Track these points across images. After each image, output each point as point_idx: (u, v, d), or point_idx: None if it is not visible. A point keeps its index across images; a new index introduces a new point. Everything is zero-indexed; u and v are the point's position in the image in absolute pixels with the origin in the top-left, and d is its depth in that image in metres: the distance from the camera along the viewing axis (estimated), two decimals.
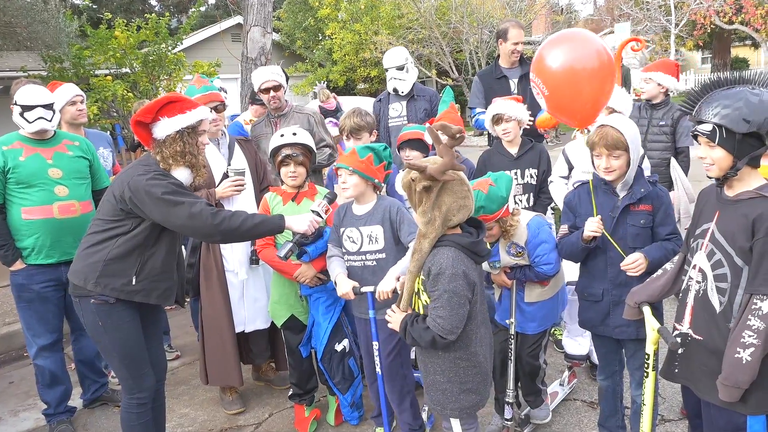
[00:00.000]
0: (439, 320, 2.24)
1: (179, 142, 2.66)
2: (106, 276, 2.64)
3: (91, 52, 9.75)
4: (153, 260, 2.71)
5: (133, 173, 2.62)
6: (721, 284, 2.12)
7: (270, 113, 4.30)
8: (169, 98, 2.69)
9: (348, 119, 3.52)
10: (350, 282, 2.96)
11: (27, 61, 10.64)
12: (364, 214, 2.99)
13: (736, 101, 2.00)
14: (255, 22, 7.19)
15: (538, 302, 3.04)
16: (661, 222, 2.65)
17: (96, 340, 2.79)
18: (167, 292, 2.81)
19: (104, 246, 2.65)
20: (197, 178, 2.79)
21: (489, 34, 16.43)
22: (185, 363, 4.50)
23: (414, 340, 2.34)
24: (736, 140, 2.01)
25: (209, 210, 2.60)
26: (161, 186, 2.56)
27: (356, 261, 3.03)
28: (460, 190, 2.28)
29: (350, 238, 3.03)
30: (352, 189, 2.94)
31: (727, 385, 2.04)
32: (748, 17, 18.52)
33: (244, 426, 3.59)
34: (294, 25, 20.38)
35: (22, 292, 3.40)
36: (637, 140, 2.63)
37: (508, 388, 3.12)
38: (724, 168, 2.08)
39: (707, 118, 2.05)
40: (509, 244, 2.89)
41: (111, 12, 12.61)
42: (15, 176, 3.29)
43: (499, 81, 4.67)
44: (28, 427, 3.76)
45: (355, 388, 3.38)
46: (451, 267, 2.23)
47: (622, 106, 3.47)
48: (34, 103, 3.34)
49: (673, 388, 3.50)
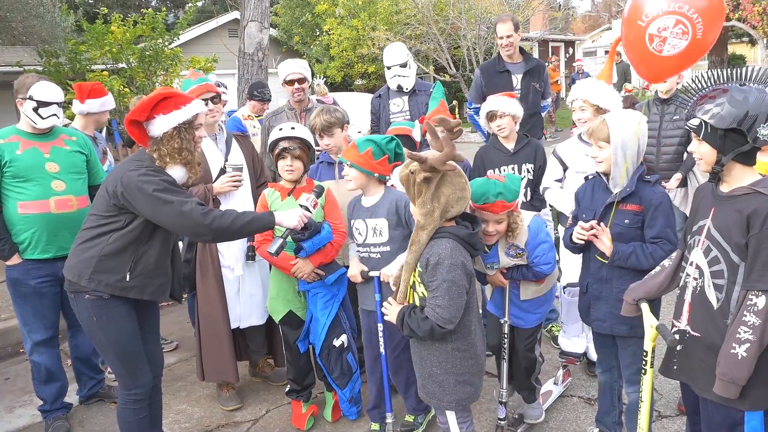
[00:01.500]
0: (438, 309, 2.25)
1: (176, 138, 2.63)
2: (99, 272, 2.62)
3: (87, 47, 9.70)
4: (147, 256, 2.69)
5: (126, 168, 2.60)
6: (718, 281, 2.12)
7: (292, 106, 4.32)
8: (163, 94, 2.66)
9: (318, 118, 3.47)
10: (360, 266, 3.05)
11: (22, 55, 10.58)
12: (370, 206, 3.02)
13: (720, 96, 2.04)
14: (252, 18, 7.17)
15: (533, 299, 3.04)
16: (648, 224, 2.62)
17: (91, 336, 2.77)
18: (161, 288, 2.79)
19: (98, 242, 2.64)
20: (191, 176, 2.74)
21: (486, 30, 16.40)
22: (182, 359, 4.50)
23: (412, 331, 2.35)
24: (718, 136, 2.05)
25: (200, 209, 2.56)
26: (153, 183, 2.53)
27: (362, 252, 3.09)
28: (458, 182, 2.32)
29: (357, 230, 3.07)
30: (353, 182, 2.96)
31: (724, 380, 2.05)
32: (746, 14, 18.54)
33: (241, 422, 3.59)
34: (291, 20, 20.32)
35: (19, 287, 3.38)
36: (624, 138, 2.59)
37: (502, 388, 3.13)
38: (710, 162, 2.12)
39: (696, 113, 2.10)
40: (509, 246, 2.88)
41: (107, 7, 12.54)
42: (12, 170, 3.27)
43: (501, 75, 4.68)
44: (24, 424, 3.74)
45: (354, 383, 3.38)
46: (450, 257, 2.26)
47: (610, 104, 3.45)
48: (52, 101, 3.33)
49: (670, 385, 3.50)
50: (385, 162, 2.94)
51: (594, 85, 3.47)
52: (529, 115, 3.97)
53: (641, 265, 2.58)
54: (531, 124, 4.48)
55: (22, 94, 3.36)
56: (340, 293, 3.31)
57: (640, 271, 2.57)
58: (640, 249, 2.60)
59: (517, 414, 3.33)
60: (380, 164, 2.92)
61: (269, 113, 4.66)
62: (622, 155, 2.61)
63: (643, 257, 2.58)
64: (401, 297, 2.45)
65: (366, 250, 3.06)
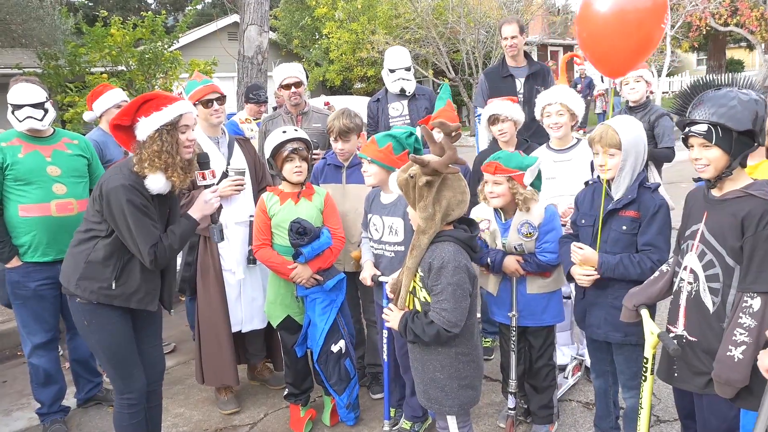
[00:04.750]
0: (444, 313, 2.25)
1: (157, 141, 2.54)
2: (85, 278, 2.60)
3: (86, 49, 9.69)
4: (133, 264, 2.64)
5: (112, 175, 2.58)
6: (713, 284, 2.13)
7: (288, 110, 4.33)
8: (146, 97, 2.60)
9: (337, 120, 3.45)
10: (373, 270, 3.07)
11: (22, 58, 10.58)
12: (388, 204, 3.04)
13: (730, 100, 2.02)
14: (252, 21, 7.19)
15: (539, 294, 3.02)
16: (642, 230, 2.61)
17: (85, 339, 2.78)
18: (148, 297, 2.72)
19: (85, 247, 2.62)
20: (174, 181, 2.61)
21: (486, 35, 16.45)
22: (180, 362, 4.49)
23: (416, 337, 2.33)
24: (733, 139, 2.03)
25: (152, 252, 2.55)
26: (129, 206, 2.50)
27: (377, 249, 3.11)
28: (458, 185, 2.33)
29: (375, 226, 3.09)
30: (373, 177, 2.99)
31: (720, 382, 2.06)
32: (744, 19, 18.61)
33: (240, 426, 3.58)
34: (291, 24, 20.34)
35: (18, 289, 3.38)
36: (635, 145, 2.61)
37: (511, 378, 3.13)
38: (719, 168, 2.08)
39: (702, 118, 2.05)
40: (522, 223, 2.91)
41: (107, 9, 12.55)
42: (13, 173, 3.28)
43: (505, 80, 4.70)
44: (21, 427, 3.73)
45: (351, 389, 3.38)
46: (454, 260, 2.26)
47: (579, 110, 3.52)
48: (22, 103, 3.32)
49: (669, 389, 3.50)
50: (406, 156, 2.92)
51: (568, 91, 3.54)
52: (532, 119, 3.98)
53: (629, 274, 2.59)
54: (534, 129, 4.48)
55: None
56: (338, 299, 3.30)
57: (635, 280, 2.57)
58: (628, 259, 2.60)
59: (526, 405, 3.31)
60: (400, 159, 2.92)
61: (267, 117, 4.67)
62: (631, 162, 2.61)
63: (631, 267, 2.58)
64: (401, 303, 2.45)
65: (381, 248, 3.07)
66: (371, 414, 3.57)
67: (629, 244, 2.64)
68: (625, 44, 2.80)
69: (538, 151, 3.64)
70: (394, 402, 3.35)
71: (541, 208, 2.94)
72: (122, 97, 4.19)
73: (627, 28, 2.74)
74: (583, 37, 2.99)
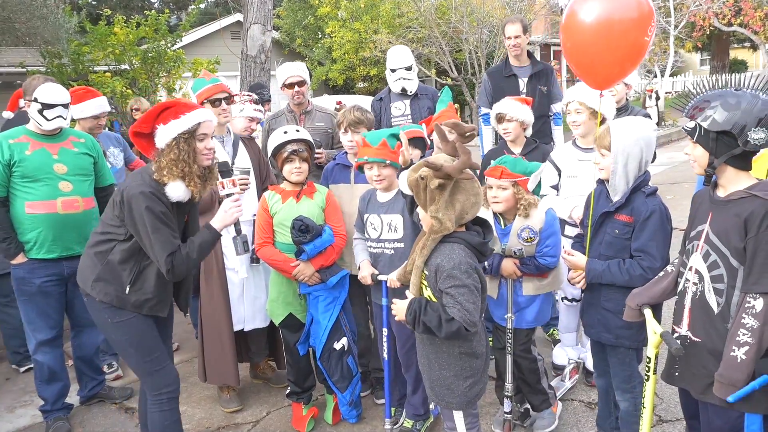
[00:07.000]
0: (465, 313, 2.22)
1: (174, 149, 2.55)
2: (101, 281, 2.62)
3: (90, 48, 9.71)
4: (149, 270, 2.64)
5: (133, 181, 2.59)
6: (717, 285, 2.14)
7: (292, 109, 4.34)
8: (165, 104, 2.62)
9: (349, 114, 3.49)
10: (371, 269, 3.07)
11: (26, 56, 10.60)
12: (386, 201, 3.05)
13: (715, 100, 2.07)
14: (255, 20, 7.19)
15: (534, 296, 3.05)
16: (634, 236, 2.61)
17: (110, 338, 2.76)
18: (160, 305, 2.72)
19: (103, 249, 2.63)
20: (192, 190, 2.61)
21: (489, 34, 16.42)
22: (183, 360, 4.50)
23: (427, 329, 2.27)
24: (710, 138, 2.09)
25: (169, 261, 2.54)
26: (149, 213, 2.49)
27: (376, 248, 3.11)
28: (471, 188, 2.31)
29: (372, 225, 3.09)
30: (386, 180, 3.01)
31: (723, 383, 2.06)
32: (747, 19, 18.57)
33: (242, 424, 3.59)
34: (294, 23, 20.34)
35: (23, 285, 3.39)
36: (628, 147, 2.58)
37: (507, 382, 3.13)
38: (702, 165, 2.16)
39: (696, 118, 2.13)
40: (522, 228, 2.92)
41: (110, 8, 12.55)
42: (20, 170, 3.29)
43: (508, 79, 4.71)
44: (25, 424, 3.75)
45: (354, 386, 3.39)
46: (467, 262, 2.26)
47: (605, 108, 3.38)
48: (56, 102, 3.34)
49: (671, 389, 3.50)
50: (398, 149, 2.99)
51: (588, 89, 3.46)
52: (536, 118, 3.98)
53: (616, 281, 2.60)
54: (538, 128, 4.48)
55: (28, 96, 3.41)
56: (341, 296, 3.32)
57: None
58: (616, 266, 2.60)
59: (524, 408, 3.31)
60: (396, 153, 2.99)
61: (270, 116, 4.68)
62: (623, 164, 2.59)
63: (618, 274, 2.59)
64: (415, 290, 2.40)
65: (380, 246, 3.08)
66: (373, 412, 3.58)
67: (622, 248, 2.64)
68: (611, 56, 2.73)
69: (564, 146, 3.64)
70: (395, 400, 3.36)
71: (541, 212, 2.95)
72: (103, 108, 4.16)
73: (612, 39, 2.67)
74: (567, 47, 2.92)
